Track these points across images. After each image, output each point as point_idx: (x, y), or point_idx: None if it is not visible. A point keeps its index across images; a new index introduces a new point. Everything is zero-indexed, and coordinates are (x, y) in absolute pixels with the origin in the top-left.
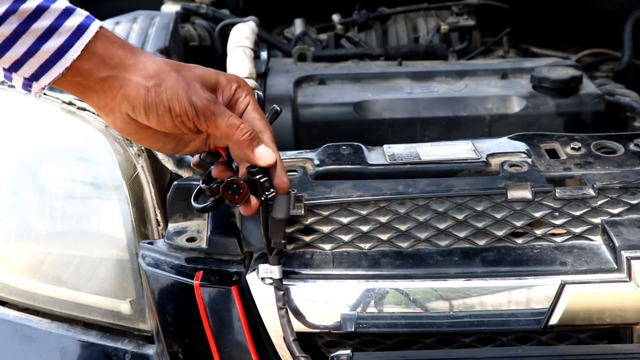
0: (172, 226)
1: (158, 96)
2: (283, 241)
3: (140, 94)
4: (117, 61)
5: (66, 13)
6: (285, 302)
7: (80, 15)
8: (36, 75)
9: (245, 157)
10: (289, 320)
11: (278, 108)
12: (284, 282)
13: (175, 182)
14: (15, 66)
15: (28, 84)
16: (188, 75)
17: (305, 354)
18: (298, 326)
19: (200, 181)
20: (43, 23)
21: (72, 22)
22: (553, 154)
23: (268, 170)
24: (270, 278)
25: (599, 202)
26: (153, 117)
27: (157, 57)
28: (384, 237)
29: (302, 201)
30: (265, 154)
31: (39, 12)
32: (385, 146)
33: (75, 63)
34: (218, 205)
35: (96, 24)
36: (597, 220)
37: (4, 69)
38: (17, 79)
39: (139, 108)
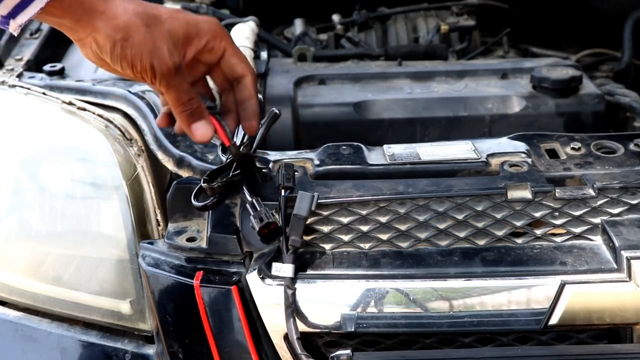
0: (172, 226)
1: (123, 51)
2: (300, 240)
3: (107, 45)
4: (87, 6)
5: None
6: (294, 302)
7: None
8: (13, 14)
9: (185, 131)
10: (295, 319)
11: (277, 111)
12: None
13: (175, 182)
14: None
15: (5, 21)
16: (156, 33)
17: (307, 353)
18: (298, 326)
19: (201, 180)
20: None
21: None
22: (553, 154)
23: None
24: (282, 277)
25: (599, 202)
26: (117, 66)
27: (130, 4)
28: (384, 237)
29: None
30: (199, 131)
31: None
32: (385, 146)
33: (48, 6)
34: (218, 204)
35: None
36: (597, 220)
37: None
38: None
39: (106, 55)
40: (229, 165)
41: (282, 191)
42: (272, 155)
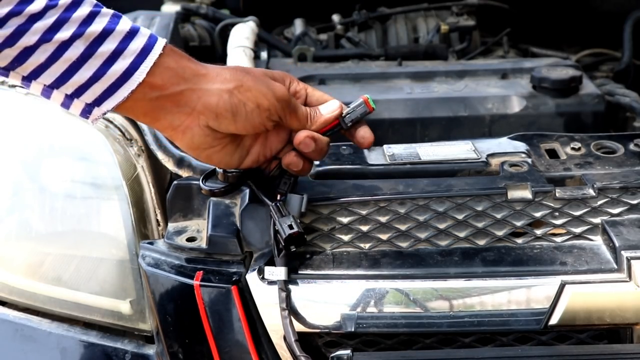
0: (172, 226)
1: (244, 95)
2: None
3: (223, 99)
4: (190, 73)
5: (130, 35)
6: (288, 304)
7: (143, 35)
8: (99, 100)
9: (321, 127)
10: (291, 321)
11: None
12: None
13: (175, 182)
14: (79, 91)
15: (89, 109)
16: (259, 75)
17: (306, 354)
18: (298, 326)
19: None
20: (109, 46)
21: (137, 44)
22: (553, 154)
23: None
24: (275, 280)
25: (599, 202)
26: (241, 117)
27: (225, 66)
28: (384, 237)
29: None
30: (330, 108)
31: (105, 34)
32: (385, 146)
33: (148, 79)
34: (226, 193)
35: (161, 42)
36: (597, 220)
37: (65, 94)
38: (78, 104)
39: (226, 113)
40: None
41: (278, 196)
42: None
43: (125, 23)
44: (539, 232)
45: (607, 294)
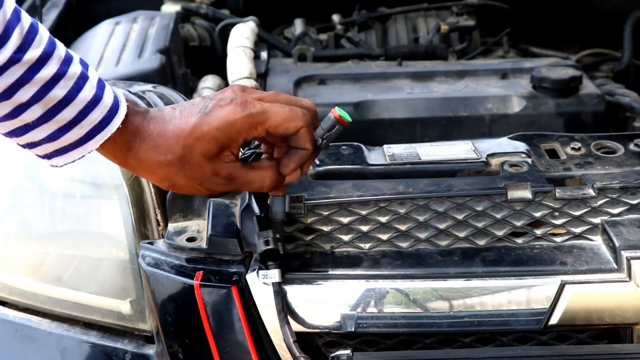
0: (172, 226)
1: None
2: (282, 243)
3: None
4: (128, 158)
5: (92, 104)
6: (284, 306)
7: (104, 106)
8: (49, 156)
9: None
10: (288, 323)
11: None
12: (284, 282)
13: None
14: (31, 145)
15: (42, 158)
16: (192, 168)
17: (305, 354)
18: (298, 326)
19: None
20: (67, 114)
21: (95, 116)
22: (553, 154)
23: None
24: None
25: (599, 202)
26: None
27: (160, 152)
28: (384, 237)
29: (302, 201)
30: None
31: (65, 102)
32: (385, 146)
33: (98, 149)
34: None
35: (118, 118)
36: (597, 220)
37: (18, 143)
38: (31, 151)
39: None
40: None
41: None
42: None
43: (88, 89)
44: (539, 232)
45: (607, 293)
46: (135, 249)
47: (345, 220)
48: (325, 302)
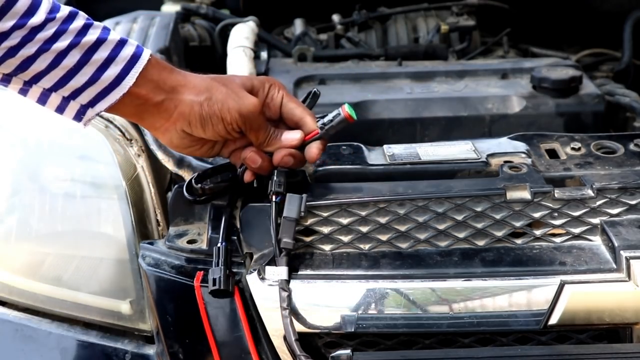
0: (173, 229)
1: (211, 108)
2: (292, 241)
3: (195, 110)
4: (170, 85)
5: (121, 44)
6: (289, 304)
7: (132, 45)
8: (93, 102)
9: (275, 149)
10: (291, 321)
11: (317, 90)
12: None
13: (176, 186)
14: (75, 94)
15: (83, 111)
16: (234, 87)
17: (306, 354)
18: (298, 326)
19: (192, 179)
20: (102, 54)
21: (127, 52)
22: (553, 154)
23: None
24: (276, 280)
25: (598, 203)
26: (209, 127)
27: (204, 76)
28: (384, 237)
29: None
30: (290, 136)
31: (98, 43)
32: (385, 146)
33: (133, 89)
34: (206, 202)
35: (147, 52)
36: (596, 220)
37: (63, 97)
38: (74, 106)
39: (195, 122)
40: (225, 167)
41: (273, 197)
42: None
43: (115, 34)
44: (538, 232)
45: (607, 293)
46: (135, 249)
47: (345, 221)
48: (326, 302)
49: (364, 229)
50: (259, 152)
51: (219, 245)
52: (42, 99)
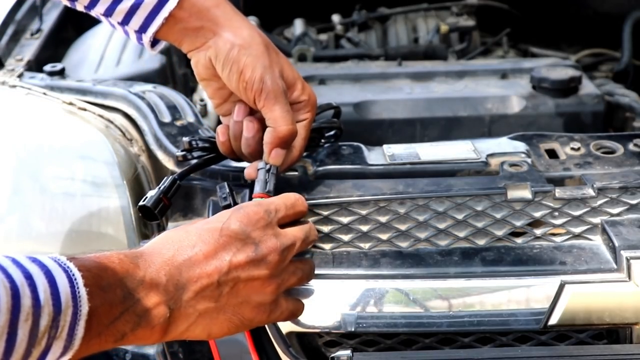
0: (171, 225)
1: (239, 56)
2: None
3: (225, 47)
4: (212, 15)
5: None
6: None
7: None
8: (144, 27)
9: (270, 145)
10: (277, 327)
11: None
12: None
13: (172, 175)
14: (126, 19)
15: (140, 37)
16: (273, 58)
17: (305, 354)
18: (298, 326)
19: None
20: None
21: None
22: (553, 154)
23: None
24: None
25: (599, 202)
26: (226, 71)
27: (255, 27)
28: (384, 236)
29: None
30: (275, 158)
31: None
32: (385, 146)
33: (175, 12)
34: (191, 160)
35: None
36: (596, 220)
37: (118, 22)
38: (132, 34)
39: (220, 58)
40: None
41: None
42: None
43: None
44: (538, 232)
45: (607, 293)
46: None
47: (345, 220)
48: (325, 301)
49: (364, 228)
50: (257, 122)
51: (169, 176)
52: (108, 24)
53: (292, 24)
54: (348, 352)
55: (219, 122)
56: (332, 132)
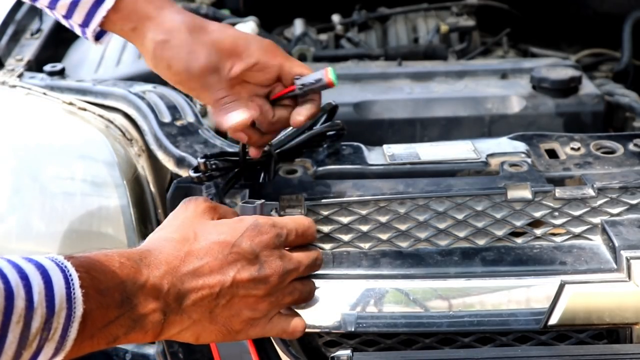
0: None
1: (162, 52)
2: None
3: (151, 47)
4: (141, 14)
5: None
6: None
7: None
8: (86, 22)
9: (219, 124)
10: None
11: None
12: None
13: (175, 181)
14: (68, 14)
15: (84, 30)
16: (198, 40)
17: (305, 354)
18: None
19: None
20: None
21: None
22: (552, 154)
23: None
24: None
25: (599, 202)
26: (159, 69)
27: (182, 14)
28: (384, 236)
29: (302, 201)
30: (231, 118)
31: None
32: (385, 146)
33: (111, 14)
34: (209, 180)
35: None
36: (596, 220)
37: (62, 15)
38: (76, 27)
39: (149, 60)
40: (233, 153)
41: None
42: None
43: None
44: (538, 232)
45: (607, 293)
46: None
47: (345, 220)
48: (326, 301)
49: (364, 228)
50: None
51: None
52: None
53: (292, 24)
54: (348, 352)
55: None
56: (333, 133)
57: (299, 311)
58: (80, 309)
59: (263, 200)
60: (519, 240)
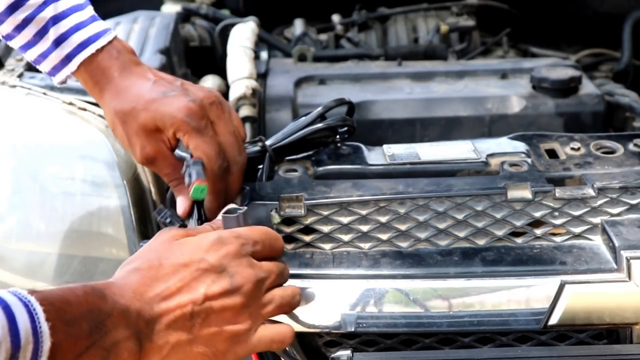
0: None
1: (115, 126)
2: None
3: (109, 118)
4: (107, 78)
5: (80, 25)
6: None
7: (87, 31)
8: (52, 73)
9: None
10: None
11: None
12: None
13: None
14: (37, 62)
15: (52, 74)
16: (131, 130)
17: (305, 354)
18: (298, 326)
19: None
20: (57, 30)
21: (78, 38)
22: (553, 154)
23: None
24: None
25: (599, 202)
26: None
27: (117, 97)
28: (384, 237)
29: (302, 201)
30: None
31: (56, 19)
32: (385, 146)
33: (76, 74)
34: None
35: (95, 45)
36: (596, 220)
37: (32, 60)
38: (44, 70)
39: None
40: None
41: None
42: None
43: (74, 18)
44: (538, 231)
45: (607, 293)
46: (135, 249)
47: (345, 220)
48: (325, 301)
49: (364, 228)
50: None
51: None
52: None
53: (292, 24)
54: (348, 352)
55: None
56: (344, 129)
57: (297, 313)
58: (47, 342)
59: (245, 208)
60: (519, 240)
